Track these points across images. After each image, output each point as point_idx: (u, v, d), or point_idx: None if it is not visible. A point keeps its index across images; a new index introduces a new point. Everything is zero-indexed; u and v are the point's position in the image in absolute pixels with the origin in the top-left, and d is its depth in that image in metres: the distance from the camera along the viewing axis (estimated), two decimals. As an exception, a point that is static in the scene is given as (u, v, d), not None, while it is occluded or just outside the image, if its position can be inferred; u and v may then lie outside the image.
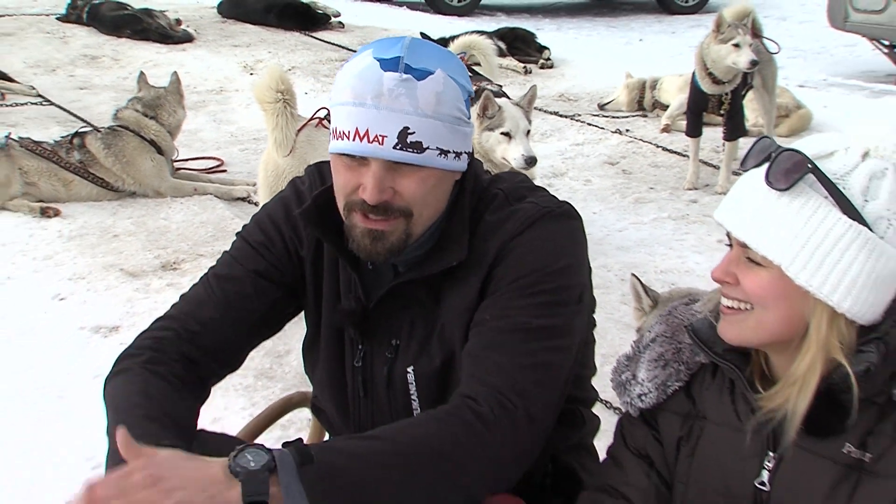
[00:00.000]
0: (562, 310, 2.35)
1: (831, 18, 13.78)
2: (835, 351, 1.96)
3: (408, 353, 2.48)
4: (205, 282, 2.58)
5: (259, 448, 2.02)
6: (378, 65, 2.25)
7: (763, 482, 2.11)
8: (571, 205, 2.53)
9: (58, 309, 5.92)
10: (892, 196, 1.92)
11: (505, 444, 2.19)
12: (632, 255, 6.93)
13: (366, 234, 2.34)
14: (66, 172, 7.50)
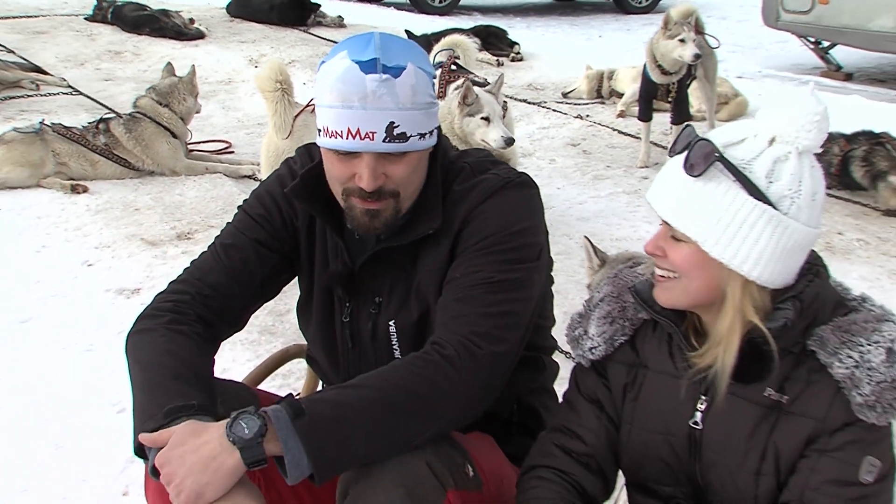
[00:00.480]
0: (521, 265, 2.38)
1: (765, 18, 13.78)
2: (749, 314, 2.01)
3: (389, 308, 2.50)
4: (212, 250, 2.59)
5: (250, 413, 2.07)
6: (357, 67, 2.27)
7: (696, 422, 2.15)
8: (529, 175, 2.56)
9: (86, 274, 5.93)
10: (794, 177, 1.96)
11: (470, 381, 2.23)
12: (590, 224, 6.93)
13: (364, 213, 2.38)
14: (92, 154, 7.49)
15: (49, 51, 11.48)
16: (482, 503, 2.33)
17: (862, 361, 1.99)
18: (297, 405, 2.09)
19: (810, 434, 2.03)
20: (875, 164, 7.45)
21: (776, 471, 2.07)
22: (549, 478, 2.27)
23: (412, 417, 2.18)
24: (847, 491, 2.00)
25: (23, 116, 8.72)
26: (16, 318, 5.32)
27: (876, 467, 2.00)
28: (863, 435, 2.00)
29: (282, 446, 2.05)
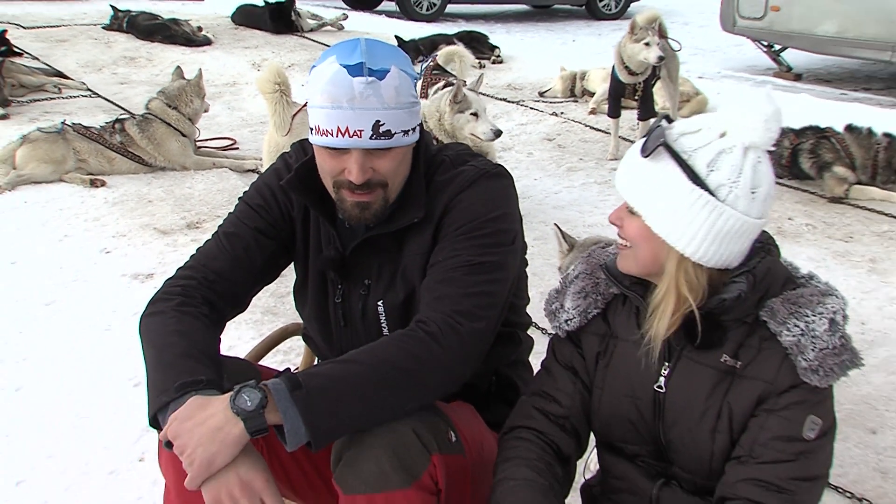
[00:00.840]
0: (498, 249, 2.41)
1: (723, 23, 13.83)
2: (682, 287, 2.06)
3: (378, 289, 2.52)
4: (216, 238, 2.61)
5: (252, 387, 2.11)
6: (346, 71, 2.29)
7: (660, 385, 2.18)
8: (504, 167, 2.58)
9: (104, 260, 5.93)
10: (734, 169, 1.99)
11: (452, 356, 2.26)
12: (565, 212, 6.95)
13: (354, 205, 2.40)
14: (109, 151, 7.49)
15: (70, 57, 11.45)
16: (464, 466, 2.33)
17: (807, 330, 2.02)
18: (294, 378, 2.13)
19: (760, 395, 2.07)
20: (821, 156, 7.50)
21: (730, 429, 2.10)
22: (528, 438, 2.29)
23: (399, 389, 2.21)
24: (792, 446, 2.03)
25: (46, 117, 8.72)
26: (41, 301, 5.33)
27: (818, 425, 2.04)
28: (807, 396, 2.04)
29: (281, 416, 2.08)
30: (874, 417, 4.28)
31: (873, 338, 5.02)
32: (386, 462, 2.17)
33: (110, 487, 3.68)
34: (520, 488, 2.16)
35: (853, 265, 6.13)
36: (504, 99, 10.35)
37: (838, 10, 12.34)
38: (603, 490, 2.39)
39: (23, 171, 7.20)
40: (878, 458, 4.01)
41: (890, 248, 6.42)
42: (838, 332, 2.04)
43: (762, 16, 13.10)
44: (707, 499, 2.15)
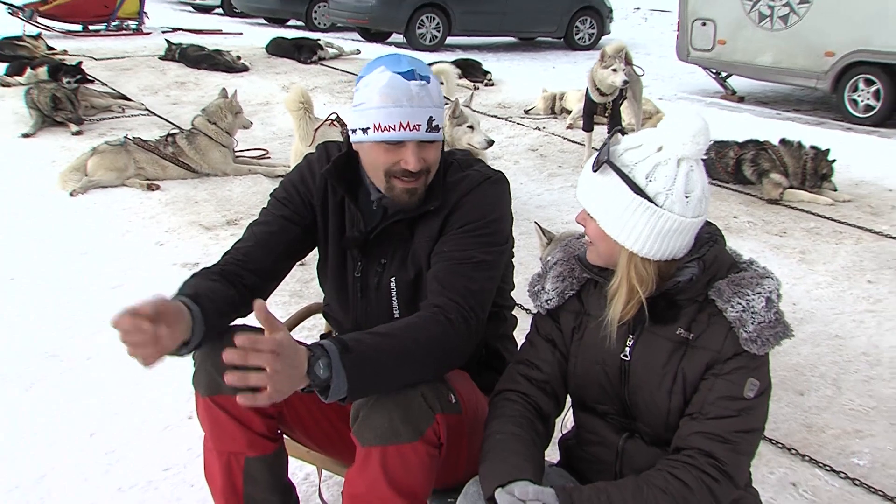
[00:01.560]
0: (495, 248, 2.44)
1: (679, 54, 13.86)
2: (632, 279, 2.08)
3: (391, 268, 2.52)
4: (249, 229, 2.62)
5: (323, 356, 2.06)
6: (401, 76, 2.32)
7: (626, 355, 2.17)
8: (502, 172, 2.59)
9: (158, 251, 5.93)
10: (668, 178, 2.00)
11: (464, 339, 2.31)
12: (546, 211, 6.94)
13: (405, 191, 2.41)
14: (163, 160, 7.49)
15: (132, 83, 11.44)
16: (461, 423, 2.34)
17: (748, 307, 2.03)
18: (344, 342, 2.11)
19: (709, 362, 2.07)
20: (760, 164, 7.53)
21: (683, 390, 2.10)
22: (514, 399, 2.29)
23: (422, 363, 2.24)
24: (734, 404, 2.04)
25: (112, 133, 8.71)
26: (108, 285, 5.33)
27: (756, 386, 2.05)
28: (747, 362, 2.05)
29: (333, 371, 2.05)
30: (802, 382, 4.29)
31: (802, 316, 5.03)
32: (397, 419, 2.18)
33: (165, 440, 3.69)
34: (507, 441, 2.15)
35: (786, 256, 6.13)
36: (495, 116, 10.33)
37: (773, 44, 12.47)
38: (578, 442, 2.38)
39: (93, 178, 7.19)
40: (805, 415, 4.02)
41: (817, 242, 6.43)
42: (773, 308, 2.05)
43: (711, 48, 13.19)
44: (665, 449, 2.15)
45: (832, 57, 11.80)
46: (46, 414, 3.87)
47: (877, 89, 11.57)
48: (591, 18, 20.03)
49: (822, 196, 7.35)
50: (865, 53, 11.48)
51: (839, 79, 11.87)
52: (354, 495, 2.29)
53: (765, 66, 12.69)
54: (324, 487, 3.01)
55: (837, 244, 6.40)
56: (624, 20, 24.74)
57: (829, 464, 3.62)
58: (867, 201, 7.43)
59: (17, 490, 3.35)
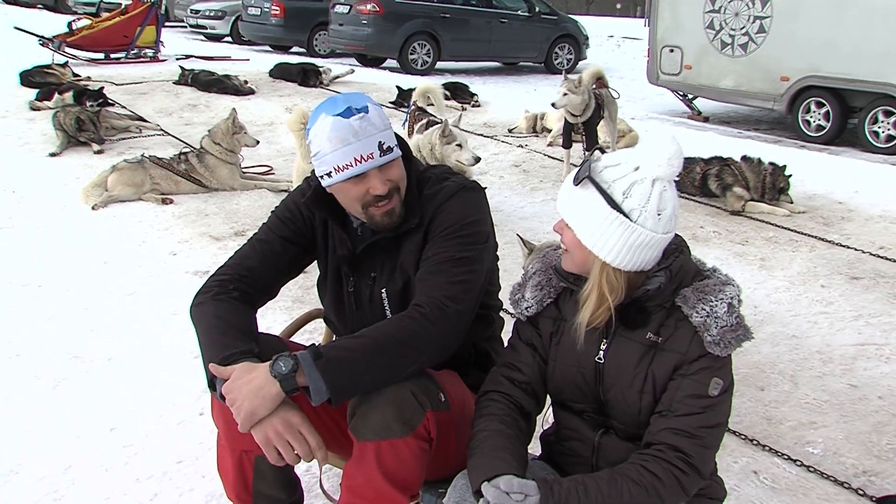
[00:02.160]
0: (474, 247, 2.40)
1: (649, 77, 13.91)
2: (603, 287, 2.07)
3: (381, 280, 2.51)
4: (250, 243, 2.59)
5: (287, 355, 2.14)
6: (340, 118, 2.31)
7: (600, 358, 2.16)
8: (477, 182, 2.58)
9: (172, 261, 5.89)
10: (643, 196, 2.00)
11: (442, 332, 2.26)
12: (529, 222, 6.93)
13: (384, 215, 2.40)
14: (176, 177, 7.45)
15: (148, 105, 11.40)
16: (450, 420, 2.33)
17: (711, 312, 2.03)
18: (317, 350, 2.15)
19: (676, 364, 2.07)
20: (724, 179, 7.54)
21: (653, 390, 2.09)
22: (497, 399, 2.27)
23: (400, 357, 2.21)
24: (700, 402, 2.04)
25: (130, 151, 8.65)
26: (125, 292, 5.30)
27: (720, 385, 2.05)
28: (711, 363, 2.05)
29: (307, 378, 2.10)
30: (762, 378, 4.28)
31: (763, 318, 5.03)
32: (390, 416, 2.18)
33: (179, 434, 3.67)
34: (492, 436, 2.14)
35: (748, 263, 6.13)
36: (481, 134, 10.31)
37: (735, 69, 12.56)
38: (557, 438, 2.37)
39: (112, 193, 7.16)
40: (765, 408, 4.02)
41: (776, 250, 6.43)
42: (734, 313, 2.05)
43: (679, 72, 13.27)
44: (637, 444, 2.14)
45: (787, 81, 11.90)
46: (71, 410, 3.85)
47: (827, 111, 11.67)
48: (569, 45, 20.14)
49: (780, 208, 7.36)
50: (816, 79, 11.59)
51: (793, 101, 11.97)
52: (352, 486, 2.30)
53: (727, 89, 12.75)
54: (324, 479, 2.99)
55: (794, 252, 6.40)
56: (599, 46, 24.83)
57: (786, 453, 3.62)
58: (820, 213, 7.45)
59: (46, 479, 3.34)
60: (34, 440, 3.61)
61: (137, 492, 3.28)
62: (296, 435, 2.14)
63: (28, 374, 4.19)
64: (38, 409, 3.87)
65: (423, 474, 2.31)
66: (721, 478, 2.34)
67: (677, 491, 2.00)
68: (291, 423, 2.14)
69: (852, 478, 3.49)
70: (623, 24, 29.45)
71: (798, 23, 11.65)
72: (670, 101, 14.47)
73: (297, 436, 2.14)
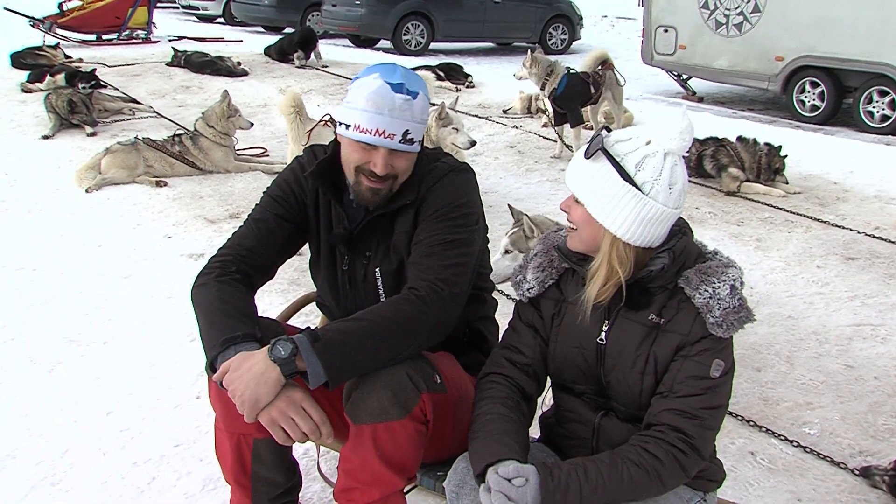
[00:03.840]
0: (465, 228, 2.41)
1: (644, 58, 13.89)
2: (613, 261, 2.06)
3: (376, 259, 2.50)
4: (247, 224, 2.57)
5: (286, 339, 2.13)
6: (389, 87, 2.31)
7: (602, 339, 2.16)
8: (467, 163, 2.58)
9: (167, 243, 5.87)
10: (655, 169, 2.00)
11: (438, 314, 2.26)
12: (524, 203, 6.87)
13: (368, 190, 2.40)
14: (170, 159, 7.43)
15: (141, 87, 11.34)
16: (447, 402, 2.33)
17: (714, 294, 2.03)
18: (314, 333, 2.14)
19: (678, 345, 2.06)
20: (719, 159, 7.54)
21: (655, 371, 2.09)
22: (499, 381, 2.27)
23: (396, 340, 2.21)
24: (702, 383, 2.03)
25: (123, 134, 8.64)
26: (120, 275, 5.29)
27: (721, 366, 2.05)
28: (713, 345, 2.04)
29: (305, 362, 2.10)
30: (759, 359, 4.29)
31: (759, 299, 5.04)
32: (386, 399, 2.18)
33: (175, 418, 3.66)
34: (494, 420, 2.13)
35: (744, 244, 6.13)
36: (476, 115, 10.26)
37: (729, 49, 12.53)
38: (557, 420, 2.37)
39: (106, 175, 7.13)
40: (762, 389, 4.03)
41: (771, 231, 6.43)
42: (737, 294, 2.05)
43: (673, 52, 13.23)
44: (637, 425, 2.14)
45: (781, 61, 11.87)
46: (67, 394, 3.84)
47: (821, 91, 11.64)
48: (563, 25, 20.10)
49: (776, 188, 7.36)
50: (811, 58, 11.56)
51: (788, 81, 11.94)
52: (349, 469, 2.30)
53: (721, 70, 12.72)
54: (321, 462, 2.99)
55: (790, 232, 6.41)
56: (593, 27, 24.74)
57: (783, 433, 3.63)
58: (815, 193, 7.45)
59: (43, 464, 3.33)
60: (31, 424, 3.60)
61: (135, 475, 3.28)
62: (299, 411, 2.14)
63: (23, 358, 4.17)
64: (34, 393, 3.85)
65: (420, 456, 2.31)
66: (720, 460, 2.34)
67: (678, 472, 2.00)
68: (294, 400, 2.13)
69: (849, 458, 3.50)
70: (617, 4, 29.22)
71: (793, 2, 11.62)
72: (665, 82, 14.44)
73: (301, 412, 2.14)
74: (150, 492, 3.20)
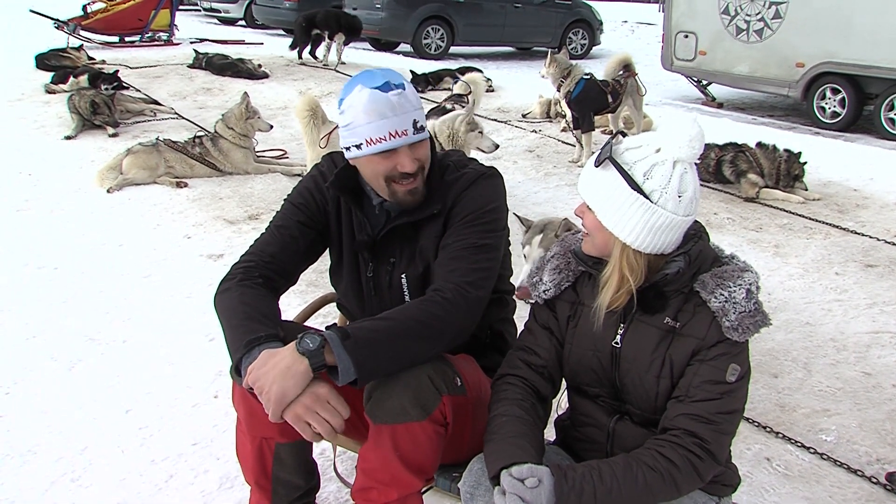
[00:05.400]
0: (493, 234, 2.41)
1: (664, 63, 13.84)
2: (624, 269, 2.07)
3: (401, 265, 2.50)
4: (269, 230, 2.58)
5: (313, 332, 2.14)
6: (378, 91, 2.30)
7: (617, 342, 2.16)
8: (495, 168, 2.58)
9: (187, 244, 5.91)
10: (664, 178, 2.00)
11: (463, 316, 2.27)
12: (542, 207, 6.92)
13: (407, 193, 2.41)
14: (191, 160, 7.47)
15: (163, 89, 11.41)
16: (466, 404, 2.33)
17: (730, 298, 2.02)
18: (345, 331, 2.14)
19: (694, 349, 2.06)
20: (738, 165, 7.51)
21: (671, 375, 2.09)
22: (515, 382, 2.27)
23: (424, 340, 2.21)
24: (717, 387, 2.03)
25: (145, 135, 8.69)
26: (141, 274, 5.32)
27: (737, 371, 2.04)
28: (729, 349, 2.04)
29: (336, 359, 2.09)
30: (776, 365, 4.28)
31: (776, 305, 5.02)
32: (406, 400, 2.19)
33: (193, 417, 3.69)
34: (510, 422, 2.14)
35: (762, 249, 6.11)
36: (495, 119, 10.27)
37: (749, 55, 12.47)
38: (572, 423, 2.37)
39: (127, 176, 7.18)
40: (779, 395, 4.02)
41: (790, 237, 6.41)
42: (753, 299, 2.05)
43: (693, 58, 13.18)
44: (652, 430, 2.14)
45: (802, 68, 11.81)
46: (87, 392, 3.88)
47: (842, 97, 11.57)
48: (582, 30, 20.06)
49: (795, 195, 7.33)
50: (832, 65, 11.49)
51: (809, 87, 11.87)
52: (367, 469, 2.31)
53: (742, 75, 12.67)
54: (338, 462, 3.01)
55: (808, 239, 6.38)
56: (613, 32, 24.68)
57: (799, 440, 3.61)
58: (834, 200, 7.41)
59: (63, 460, 3.37)
60: (51, 421, 3.63)
61: (153, 473, 3.30)
62: (326, 406, 2.12)
63: (44, 356, 4.21)
64: (55, 390, 3.89)
65: (438, 458, 2.32)
66: (735, 465, 2.33)
67: (693, 476, 2.00)
68: (319, 395, 2.12)
69: (865, 465, 3.48)
70: (637, 9, 29.21)
71: (813, 9, 11.56)
72: (684, 87, 14.40)
73: (328, 407, 2.12)
74: (168, 489, 3.22)
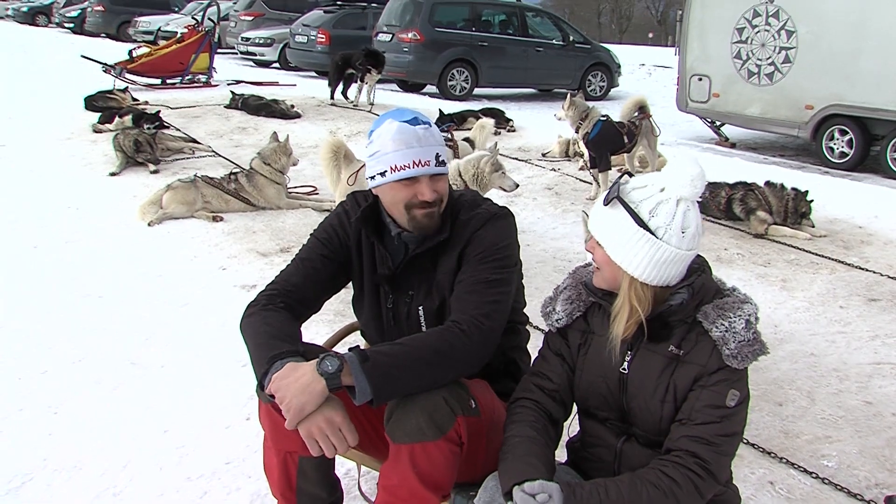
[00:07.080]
0: (505, 270, 2.48)
1: (679, 105, 13.93)
2: (633, 300, 2.13)
3: (418, 298, 2.58)
4: (295, 262, 2.66)
5: (332, 355, 2.21)
6: (407, 124, 2.43)
7: (624, 368, 2.21)
8: (508, 208, 2.64)
9: (222, 275, 5.99)
10: (668, 215, 2.07)
11: (477, 345, 2.33)
12: (560, 242, 6.96)
13: (424, 217, 2.49)
14: (226, 195, 7.57)
15: (201, 128, 11.58)
16: (480, 425, 2.38)
17: (730, 328, 2.08)
18: (363, 353, 2.21)
19: (696, 375, 2.11)
20: (748, 203, 7.52)
21: (674, 399, 2.14)
22: (529, 406, 2.33)
23: (438, 366, 2.27)
24: (718, 412, 2.08)
25: (184, 171, 8.81)
26: (178, 303, 5.41)
27: (736, 396, 2.09)
28: (729, 375, 2.09)
29: (353, 379, 2.16)
30: (781, 394, 4.28)
31: (783, 337, 5.02)
32: (423, 421, 2.24)
33: (227, 437, 3.75)
34: (523, 442, 2.19)
35: (770, 284, 6.11)
36: (516, 158, 10.34)
37: (760, 98, 12.54)
38: (582, 445, 2.41)
39: (167, 210, 7.30)
40: (783, 423, 4.02)
41: (796, 272, 6.41)
42: (752, 329, 2.09)
43: (707, 100, 13.26)
44: (657, 450, 2.18)
45: (811, 110, 11.86)
46: (128, 413, 3.95)
47: (850, 138, 11.61)
48: (601, 73, 20.20)
49: (802, 231, 7.33)
50: (840, 107, 11.55)
51: (818, 129, 11.92)
52: (387, 486, 2.36)
53: (753, 117, 12.72)
54: (362, 481, 3.05)
55: (814, 274, 6.38)
56: (630, 74, 24.77)
57: (802, 465, 3.62)
58: (840, 237, 7.41)
59: (106, 475, 3.44)
60: (95, 439, 3.71)
61: (189, 489, 3.37)
62: (336, 432, 2.20)
63: (90, 378, 4.30)
64: (99, 411, 3.97)
65: (454, 476, 2.36)
66: (736, 486, 2.37)
67: (693, 494, 2.04)
68: (333, 422, 2.20)
69: (865, 490, 3.49)
70: (654, 53, 29.37)
71: (822, 53, 11.63)
72: (699, 128, 14.45)
73: (337, 433, 2.20)
74: (203, 505, 3.29)
